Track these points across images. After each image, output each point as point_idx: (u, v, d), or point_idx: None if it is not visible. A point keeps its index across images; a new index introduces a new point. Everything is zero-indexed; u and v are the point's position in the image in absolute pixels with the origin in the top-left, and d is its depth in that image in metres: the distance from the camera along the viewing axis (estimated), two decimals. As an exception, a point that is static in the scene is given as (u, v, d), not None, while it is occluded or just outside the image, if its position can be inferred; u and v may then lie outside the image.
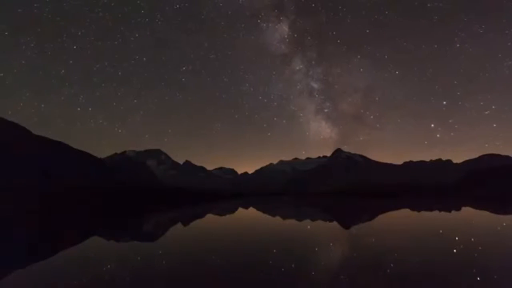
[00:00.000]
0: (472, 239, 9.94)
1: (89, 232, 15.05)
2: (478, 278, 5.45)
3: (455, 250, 8.01)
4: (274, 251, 8.60)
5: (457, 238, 10.31)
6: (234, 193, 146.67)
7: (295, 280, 5.54)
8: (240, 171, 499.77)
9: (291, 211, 29.67)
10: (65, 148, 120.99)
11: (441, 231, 12.08)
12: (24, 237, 13.55)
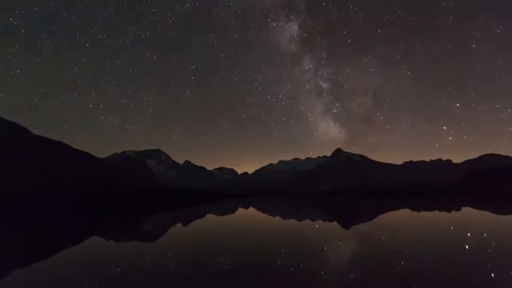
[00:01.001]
0: (472, 239, 9.94)
1: (89, 232, 15.06)
2: (478, 278, 5.45)
3: (455, 250, 8.01)
4: (274, 251, 8.60)
5: (457, 238, 10.31)
6: (234, 193, 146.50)
7: (296, 280, 5.53)
8: (240, 171, 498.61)
9: (291, 211, 29.66)
10: (65, 148, 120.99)
11: (441, 231, 12.08)
12: (24, 237, 13.54)
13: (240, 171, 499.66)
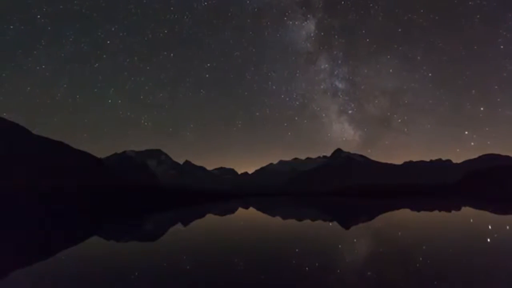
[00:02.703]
0: (472, 239, 9.94)
1: (89, 232, 15.06)
2: (479, 278, 5.45)
3: (455, 250, 8.01)
4: (274, 251, 8.60)
5: (457, 238, 10.31)
6: (234, 193, 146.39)
7: (295, 280, 5.54)
8: (240, 171, 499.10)
9: (291, 211, 29.66)
10: (65, 148, 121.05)
11: (441, 231, 12.08)
12: (24, 237, 13.55)
13: (240, 171, 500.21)
